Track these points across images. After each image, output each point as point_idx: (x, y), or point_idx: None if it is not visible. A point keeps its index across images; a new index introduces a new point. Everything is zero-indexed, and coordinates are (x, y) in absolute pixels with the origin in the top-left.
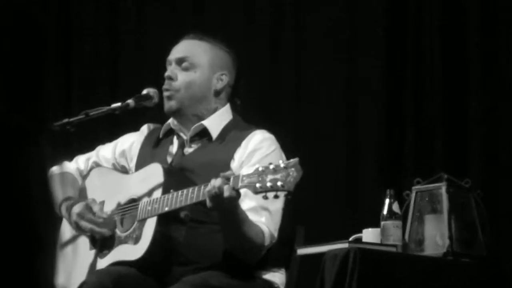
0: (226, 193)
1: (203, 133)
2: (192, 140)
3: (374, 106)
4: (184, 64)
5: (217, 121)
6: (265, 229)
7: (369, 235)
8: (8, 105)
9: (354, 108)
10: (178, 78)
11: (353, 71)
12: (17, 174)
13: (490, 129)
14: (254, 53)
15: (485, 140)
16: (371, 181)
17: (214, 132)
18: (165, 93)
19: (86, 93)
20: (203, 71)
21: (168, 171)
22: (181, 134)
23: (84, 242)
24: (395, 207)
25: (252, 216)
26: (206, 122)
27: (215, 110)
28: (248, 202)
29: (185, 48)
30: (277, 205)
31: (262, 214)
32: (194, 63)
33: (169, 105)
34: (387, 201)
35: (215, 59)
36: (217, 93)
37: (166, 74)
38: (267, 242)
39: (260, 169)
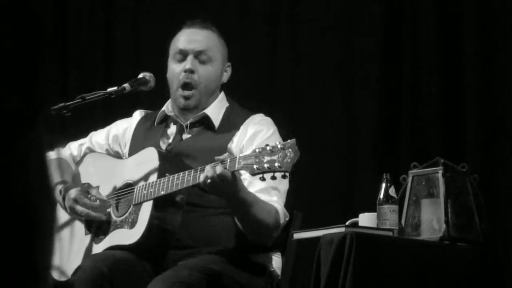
0: (218, 172)
1: (203, 120)
2: (191, 126)
3: (371, 92)
4: (203, 58)
5: (217, 109)
6: (278, 206)
7: (365, 219)
8: (5, 89)
9: (351, 94)
10: (198, 71)
11: (350, 59)
12: (15, 159)
13: (487, 114)
14: (250, 43)
15: (481, 125)
16: (368, 165)
17: (216, 121)
18: (184, 93)
19: (82, 77)
20: (218, 64)
21: (164, 155)
22: (179, 121)
23: (79, 226)
24: (392, 192)
25: (263, 197)
26: (208, 111)
27: (214, 98)
28: (258, 184)
29: (202, 40)
30: (285, 185)
31: (273, 194)
32: (212, 56)
33: (187, 104)
34: (383, 185)
35: (224, 50)
36: (222, 85)
37: (187, 66)
38: (282, 219)
39: (257, 150)
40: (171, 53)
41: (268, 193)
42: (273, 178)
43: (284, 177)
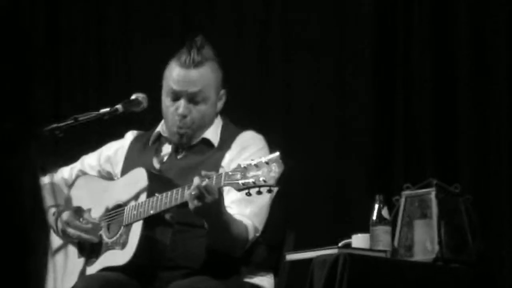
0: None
1: (202, 142)
2: (189, 148)
3: (364, 111)
4: (197, 99)
5: (215, 130)
6: (248, 223)
7: (358, 240)
8: None
9: (344, 113)
10: (192, 114)
11: (342, 77)
12: (8, 180)
13: (479, 134)
14: (242, 56)
15: (474, 145)
16: (361, 186)
17: (215, 141)
18: (179, 130)
19: (75, 98)
20: (212, 101)
21: (153, 175)
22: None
23: (73, 250)
24: (385, 213)
25: (236, 208)
26: (206, 135)
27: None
28: (233, 195)
29: (194, 81)
30: (263, 198)
31: (247, 207)
32: (205, 96)
33: (180, 141)
34: (376, 206)
35: (217, 81)
36: (217, 113)
37: (180, 111)
38: (250, 236)
39: (242, 165)
40: (164, 87)
41: (242, 205)
42: (259, 193)
43: (259, 193)
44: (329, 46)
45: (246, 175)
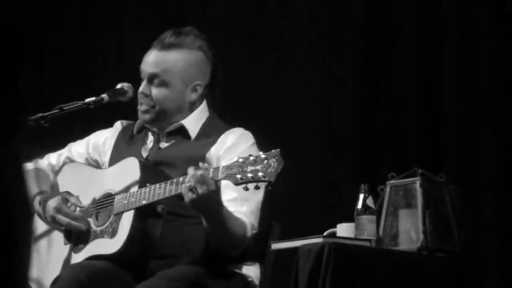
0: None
1: (179, 130)
2: (168, 135)
3: (350, 102)
4: (156, 81)
5: (195, 120)
6: (246, 220)
7: (343, 229)
8: None
9: (330, 104)
10: (152, 94)
11: (330, 69)
12: None
13: (465, 124)
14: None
15: (459, 135)
16: (346, 175)
17: (193, 132)
18: (140, 108)
19: (60, 88)
20: (175, 87)
21: (144, 165)
22: (155, 130)
23: (58, 236)
24: (370, 202)
25: (233, 207)
26: (184, 122)
27: (192, 111)
28: (229, 193)
29: (155, 62)
30: (258, 196)
31: (243, 205)
32: (165, 80)
33: (143, 118)
34: (361, 195)
35: (187, 70)
36: (192, 103)
37: (140, 90)
38: (248, 233)
39: (241, 160)
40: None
41: (238, 203)
42: (246, 189)
43: (257, 188)
44: (316, 42)
45: (245, 170)
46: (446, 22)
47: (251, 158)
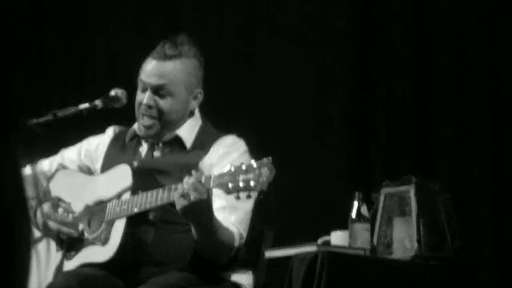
0: (192, 180)
1: (175, 140)
2: (163, 145)
3: (343, 108)
4: (162, 92)
5: (189, 129)
6: (234, 230)
7: (337, 237)
8: None
9: (323, 110)
10: (157, 106)
11: (322, 73)
12: None
13: (459, 131)
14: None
15: (453, 142)
16: (340, 183)
17: (188, 142)
18: (143, 121)
19: (54, 94)
20: (181, 96)
21: (137, 172)
22: (150, 138)
23: (50, 243)
24: (364, 210)
25: (222, 215)
26: (179, 132)
27: (186, 119)
28: (218, 202)
29: (161, 73)
30: (247, 205)
31: (232, 213)
32: (172, 90)
33: (146, 133)
34: (355, 203)
35: (190, 79)
36: (193, 111)
37: (144, 102)
38: (236, 243)
39: (232, 169)
40: (139, 78)
41: (227, 212)
42: (237, 198)
43: (248, 197)
44: (308, 43)
45: (236, 178)
46: (439, 23)
47: (243, 167)
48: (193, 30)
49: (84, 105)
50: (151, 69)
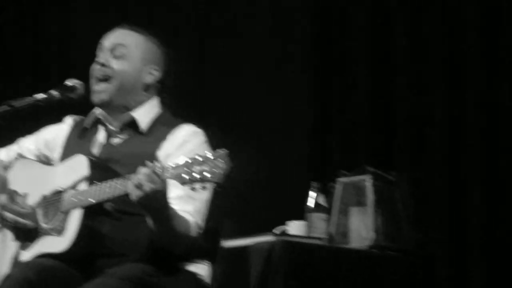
0: (147, 172)
1: (131, 124)
2: (120, 131)
3: (300, 99)
4: (117, 52)
5: (145, 113)
6: (191, 219)
7: (294, 227)
8: None
9: (280, 102)
10: (111, 65)
11: (279, 66)
12: None
13: (416, 122)
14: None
15: (411, 133)
16: (297, 174)
17: (143, 124)
18: (96, 86)
19: (8, 83)
20: (135, 62)
21: (94, 163)
22: (108, 125)
23: (7, 234)
24: (321, 200)
25: (179, 205)
26: (134, 114)
27: (142, 102)
28: (175, 191)
29: (119, 36)
30: (204, 195)
31: (189, 203)
32: (127, 52)
33: (99, 97)
34: (312, 193)
35: (147, 52)
36: (146, 87)
37: (99, 60)
38: (193, 233)
39: (188, 160)
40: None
41: (184, 202)
42: (193, 189)
43: (204, 188)
44: (267, 36)
45: (192, 169)
46: (396, 15)
47: (199, 158)
48: (151, 21)
49: (41, 95)
50: (111, 33)
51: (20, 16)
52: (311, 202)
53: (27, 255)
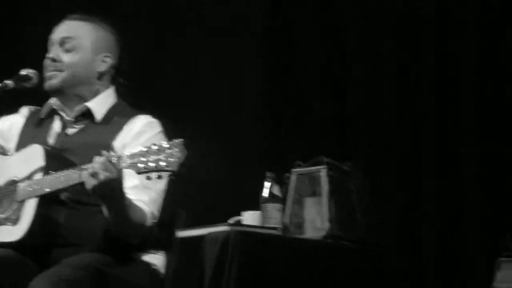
0: (102, 160)
1: (87, 115)
2: (75, 121)
3: (255, 89)
4: (67, 46)
5: (101, 103)
6: (146, 209)
7: (249, 217)
8: None
9: (236, 93)
10: (61, 60)
11: (235, 58)
12: None
13: (371, 110)
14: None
15: (366, 123)
16: (252, 164)
17: (98, 114)
18: (48, 74)
19: None
20: (86, 53)
21: (49, 152)
22: (63, 115)
23: None
24: (276, 190)
25: (134, 195)
26: (89, 104)
27: (97, 92)
28: (131, 180)
29: (67, 28)
30: (160, 185)
31: (144, 193)
32: (77, 44)
33: (49, 83)
34: (267, 184)
35: (98, 40)
36: (100, 75)
37: (49, 55)
38: (148, 222)
39: (143, 149)
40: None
41: (140, 191)
42: (148, 178)
43: (159, 177)
44: (222, 28)
45: (148, 159)
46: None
47: (154, 147)
48: (108, 11)
49: None
50: (59, 27)
51: None
52: (266, 193)
53: None
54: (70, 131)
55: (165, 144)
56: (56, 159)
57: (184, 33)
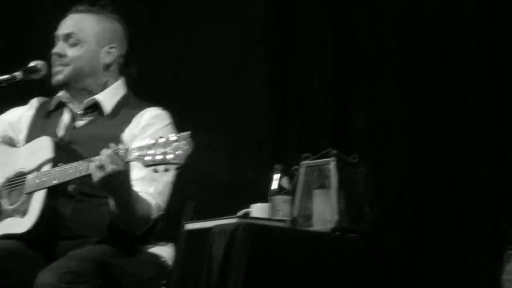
0: (109, 152)
1: (95, 107)
2: (84, 113)
3: (262, 81)
4: (71, 40)
5: (110, 95)
6: (152, 201)
7: (257, 210)
8: None
9: (242, 84)
10: (67, 54)
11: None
12: None
13: (376, 104)
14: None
15: (372, 116)
16: (260, 156)
17: (107, 107)
18: (54, 69)
19: None
20: (90, 46)
21: (58, 145)
22: (72, 107)
23: None
24: (284, 182)
25: (140, 186)
26: (98, 97)
27: (106, 84)
28: (137, 172)
29: (71, 23)
30: (167, 177)
31: (151, 185)
32: (81, 38)
33: (56, 78)
34: (276, 176)
35: (102, 32)
36: (107, 67)
37: (55, 50)
38: (154, 214)
39: (151, 142)
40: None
41: (146, 183)
42: (155, 171)
43: (166, 170)
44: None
45: (154, 151)
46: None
47: (161, 140)
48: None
49: (3, 77)
50: (63, 22)
51: None
52: (274, 185)
53: None
54: (79, 123)
55: (172, 137)
56: (65, 151)
57: (186, 19)
